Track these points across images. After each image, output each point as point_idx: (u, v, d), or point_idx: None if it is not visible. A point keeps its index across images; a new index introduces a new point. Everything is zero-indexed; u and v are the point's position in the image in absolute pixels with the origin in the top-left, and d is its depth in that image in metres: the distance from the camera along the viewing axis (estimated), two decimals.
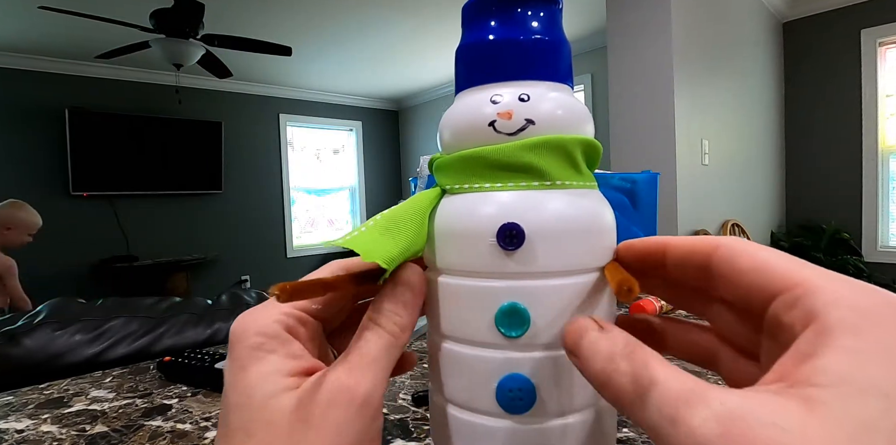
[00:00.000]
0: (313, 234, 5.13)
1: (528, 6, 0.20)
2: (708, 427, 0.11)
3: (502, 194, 0.19)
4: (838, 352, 0.12)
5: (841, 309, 0.12)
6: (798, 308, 0.13)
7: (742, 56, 2.70)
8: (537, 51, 0.20)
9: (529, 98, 0.19)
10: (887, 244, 2.81)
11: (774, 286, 0.14)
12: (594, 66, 3.70)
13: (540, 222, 0.18)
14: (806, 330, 0.12)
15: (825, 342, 0.12)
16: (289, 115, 4.83)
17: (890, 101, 2.78)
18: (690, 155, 2.27)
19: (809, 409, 0.11)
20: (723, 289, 0.16)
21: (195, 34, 2.62)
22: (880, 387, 0.11)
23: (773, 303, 0.14)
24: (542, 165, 0.19)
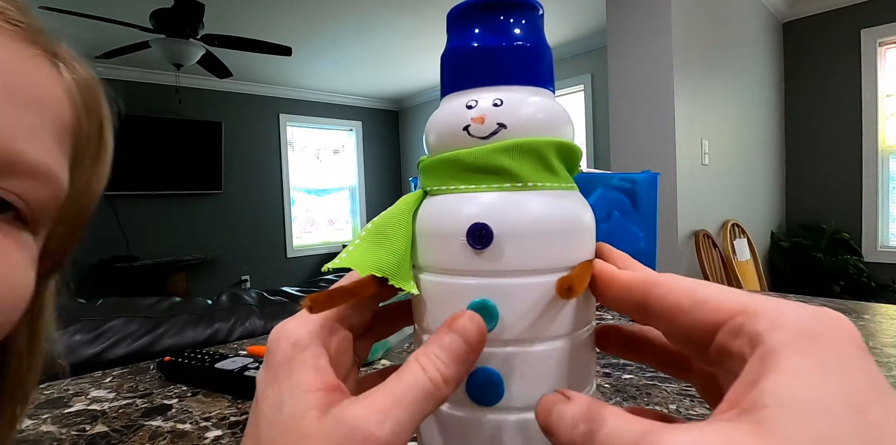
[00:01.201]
0: (313, 234, 5.13)
1: (507, 13, 0.20)
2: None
3: (475, 195, 0.20)
4: (783, 373, 0.12)
5: (782, 332, 0.13)
6: (742, 335, 0.13)
7: (742, 56, 2.70)
8: (514, 56, 0.20)
9: (503, 103, 0.20)
10: (887, 244, 2.81)
11: (717, 317, 0.14)
12: (594, 66, 3.70)
13: (507, 222, 0.19)
14: (752, 355, 0.13)
15: (770, 365, 0.12)
16: (289, 115, 4.83)
17: (890, 101, 2.78)
18: (690, 155, 2.27)
19: (759, 433, 0.11)
20: (662, 326, 0.17)
21: (195, 34, 2.62)
22: (826, 403, 0.11)
23: (718, 334, 0.14)
24: (513, 167, 0.19)
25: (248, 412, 0.41)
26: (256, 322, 1.02)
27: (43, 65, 0.23)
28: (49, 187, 0.22)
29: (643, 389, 0.44)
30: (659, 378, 0.46)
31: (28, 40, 0.22)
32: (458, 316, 0.18)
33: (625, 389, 0.44)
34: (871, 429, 0.11)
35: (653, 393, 0.43)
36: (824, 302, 0.77)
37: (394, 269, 0.20)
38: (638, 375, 0.47)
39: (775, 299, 0.14)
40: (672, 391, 0.43)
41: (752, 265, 2.60)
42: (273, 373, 0.18)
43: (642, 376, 0.47)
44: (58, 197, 0.23)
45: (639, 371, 0.48)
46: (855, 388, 0.12)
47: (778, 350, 0.12)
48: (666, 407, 0.39)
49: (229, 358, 0.52)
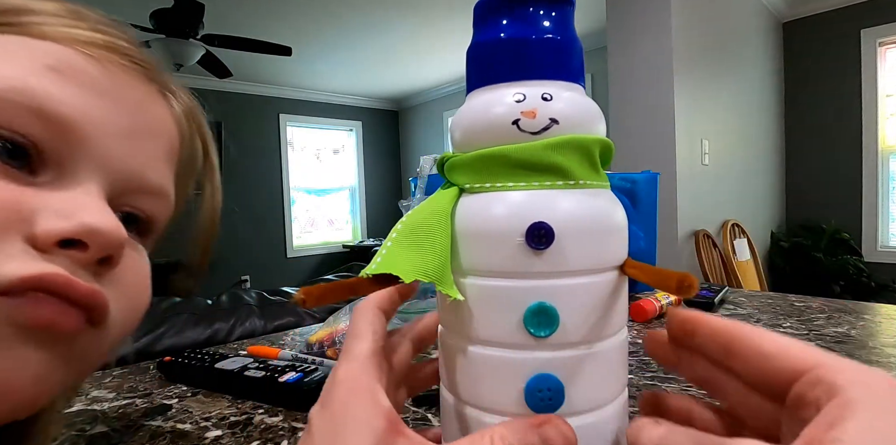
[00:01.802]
0: (313, 234, 5.13)
1: (544, 6, 0.20)
2: None
3: (528, 193, 0.19)
4: (860, 421, 0.13)
5: (860, 388, 0.14)
6: (822, 385, 0.15)
7: (742, 56, 2.70)
8: (554, 50, 0.20)
9: (552, 97, 0.19)
10: (887, 244, 2.81)
11: (798, 367, 0.16)
12: (594, 66, 3.70)
13: (568, 221, 0.18)
14: (829, 403, 0.14)
15: (848, 413, 0.13)
16: (289, 115, 4.83)
17: (890, 101, 2.78)
18: (690, 155, 2.27)
19: None
20: (741, 367, 0.18)
21: (195, 34, 2.62)
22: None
23: (798, 382, 0.15)
24: (566, 165, 0.19)
25: (248, 412, 0.41)
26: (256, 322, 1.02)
27: (159, 99, 0.27)
28: (164, 204, 0.27)
29: (643, 388, 0.44)
30: (659, 379, 0.46)
31: (148, 77, 0.26)
32: (548, 422, 0.17)
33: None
34: None
35: None
36: (825, 302, 0.77)
37: (439, 273, 0.19)
38: (638, 375, 0.47)
39: (847, 360, 0.15)
40: (672, 391, 0.43)
41: (752, 265, 2.60)
42: (329, 412, 0.18)
43: (642, 376, 0.47)
44: (169, 212, 0.28)
45: (639, 372, 0.48)
46: None
47: (856, 402, 0.13)
48: None
49: (229, 358, 0.52)
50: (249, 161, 4.59)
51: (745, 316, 0.69)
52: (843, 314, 0.69)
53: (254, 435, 0.37)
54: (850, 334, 0.59)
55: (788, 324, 0.64)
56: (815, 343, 0.56)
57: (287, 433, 0.37)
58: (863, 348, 0.54)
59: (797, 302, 0.77)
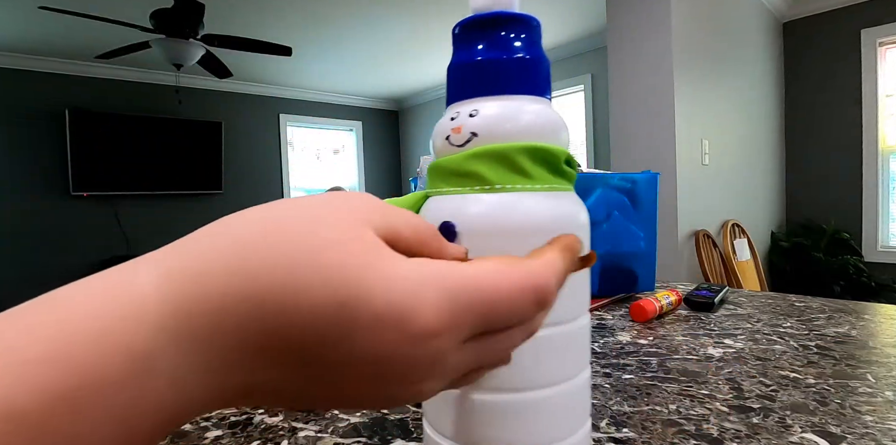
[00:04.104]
0: None
1: (498, 29, 0.22)
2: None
3: (450, 197, 0.23)
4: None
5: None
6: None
7: (742, 56, 2.70)
8: (497, 69, 0.22)
9: (478, 113, 0.22)
10: (887, 244, 2.81)
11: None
12: (594, 67, 3.70)
13: (468, 221, 0.21)
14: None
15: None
16: (289, 115, 4.83)
17: (890, 101, 2.78)
18: (690, 155, 2.27)
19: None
20: None
21: (195, 34, 2.62)
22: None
23: None
24: (482, 172, 0.22)
25: (249, 412, 0.41)
26: None
27: None
28: None
29: (643, 389, 0.44)
30: (659, 379, 0.46)
31: None
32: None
33: (625, 389, 0.44)
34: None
35: (653, 393, 0.42)
36: (825, 302, 0.77)
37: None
38: (638, 375, 0.47)
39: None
40: (672, 391, 0.43)
41: (752, 265, 2.60)
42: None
43: (642, 376, 0.47)
44: None
45: (639, 372, 0.48)
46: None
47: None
48: (666, 407, 0.39)
49: None
50: (250, 161, 4.59)
51: (745, 316, 0.69)
52: (843, 314, 0.69)
53: (254, 435, 0.37)
54: (851, 334, 0.59)
55: (789, 324, 0.64)
56: (816, 343, 0.56)
57: (287, 433, 0.37)
58: (863, 348, 0.54)
59: (797, 302, 0.77)
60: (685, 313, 0.72)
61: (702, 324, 0.66)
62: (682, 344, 0.57)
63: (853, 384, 0.44)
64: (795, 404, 0.40)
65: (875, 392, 0.42)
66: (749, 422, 0.37)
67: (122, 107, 3.90)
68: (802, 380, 0.45)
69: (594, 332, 0.63)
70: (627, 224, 0.80)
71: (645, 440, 0.34)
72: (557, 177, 0.22)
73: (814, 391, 0.42)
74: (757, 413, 0.38)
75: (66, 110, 3.58)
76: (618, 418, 0.38)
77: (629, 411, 0.39)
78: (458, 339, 0.15)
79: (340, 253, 0.14)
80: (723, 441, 0.34)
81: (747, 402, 0.40)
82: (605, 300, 0.79)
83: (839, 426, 0.36)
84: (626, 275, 0.81)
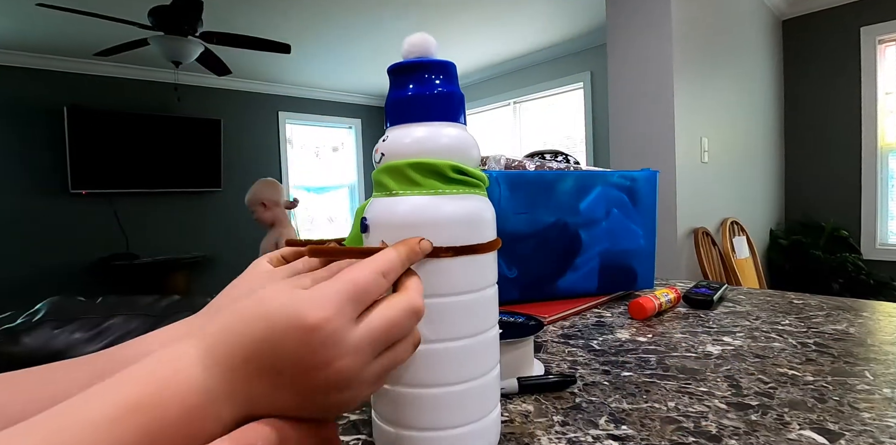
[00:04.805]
0: (313, 232, 5.13)
1: (410, 72, 0.30)
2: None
3: (372, 200, 0.31)
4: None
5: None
6: None
7: (741, 54, 2.70)
8: (407, 104, 0.30)
9: (388, 138, 0.30)
10: (886, 242, 2.81)
11: None
12: (593, 64, 3.69)
13: (374, 217, 0.29)
14: None
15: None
16: (288, 113, 4.82)
17: (889, 99, 2.78)
18: (690, 153, 2.27)
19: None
20: None
21: (194, 31, 2.61)
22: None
23: None
24: (385, 181, 0.29)
25: None
26: None
27: None
28: None
29: (642, 386, 0.44)
30: (657, 376, 0.46)
31: None
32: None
33: (624, 386, 0.44)
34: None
35: (651, 391, 0.43)
36: (823, 300, 0.77)
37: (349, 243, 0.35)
38: (637, 373, 0.47)
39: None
40: (671, 388, 0.43)
41: (751, 263, 2.60)
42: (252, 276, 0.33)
43: (641, 373, 0.47)
44: None
45: (637, 369, 0.48)
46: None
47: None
48: (665, 405, 0.40)
49: None
50: (249, 159, 4.58)
51: (744, 314, 0.69)
52: (841, 311, 0.69)
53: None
54: (849, 331, 0.60)
55: (787, 322, 0.64)
56: (814, 340, 0.56)
57: None
58: (861, 345, 0.54)
59: (796, 300, 0.77)
60: (684, 310, 0.73)
61: (701, 322, 0.66)
62: (681, 341, 0.57)
63: (851, 381, 0.44)
64: (794, 401, 0.40)
65: (873, 390, 0.42)
66: (747, 419, 0.37)
67: (121, 104, 3.89)
68: (801, 378, 0.45)
69: (594, 330, 0.63)
70: (627, 222, 0.80)
71: (644, 437, 0.34)
72: (450, 184, 0.29)
73: (812, 388, 0.42)
74: (755, 410, 0.38)
75: (65, 108, 3.57)
76: (616, 415, 0.38)
77: (628, 408, 0.39)
78: (349, 333, 0.22)
79: (262, 301, 0.23)
80: (721, 438, 0.34)
81: (746, 399, 0.40)
82: (605, 297, 0.79)
83: (837, 423, 0.36)
84: (625, 273, 0.82)
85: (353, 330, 0.22)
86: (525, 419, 0.38)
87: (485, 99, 4.53)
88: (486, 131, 4.67)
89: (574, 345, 0.57)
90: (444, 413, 0.29)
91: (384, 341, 0.23)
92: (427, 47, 0.30)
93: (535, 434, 0.35)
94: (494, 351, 0.32)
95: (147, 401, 0.19)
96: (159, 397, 0.19)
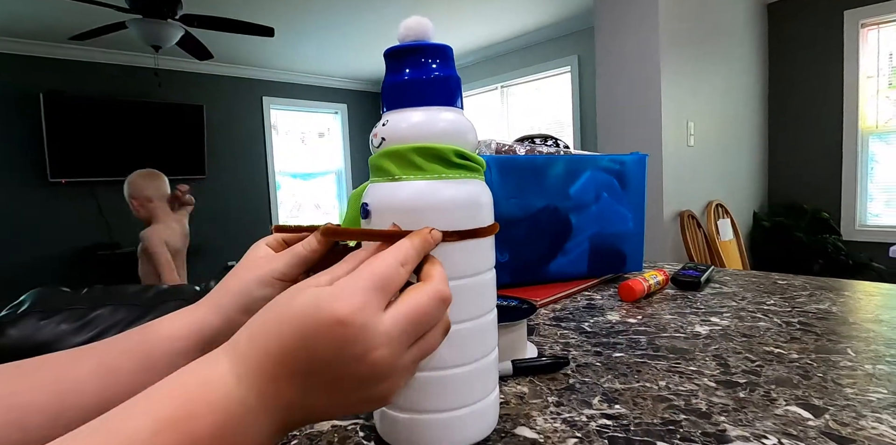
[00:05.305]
0: (300, 219, 5.09)
1: (409, 56, 0.30)
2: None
3: (372, 185, 0.30)
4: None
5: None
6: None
7: (727, 38, 2.70)
8: (407, 88, 0.30)
9: (388, 123, 0.30)
10: (865, 223, 2.88)
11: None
12: (580, 48, 3.67)
13: (376, 202, 0.29)
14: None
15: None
16: (272, 98, 4.73)
17: (871, 83, 2.81)
18: (676, 136, 2.29)
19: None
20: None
21: (173, 14, 2.54)
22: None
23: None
24: (386, 166, 0.29)
25: None
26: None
27: None
28: None
29: (633, 367, 0.45)
30: (648, 356, 0.47)
31: None
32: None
33: (616, 367, 0.45)
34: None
35: (643, 371, 0.43)
36: (806, 280, 0.78)
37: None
38: (628, 353, 0.48)
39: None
40: (662, 368, 0.44)
41: (734, 244, 2.65)
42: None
43: (632, 354, 0.48)
44: None
45: (629, 350, 0.49)
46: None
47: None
48: (656, 384, 0.40)
49: None
50: (233, 145, 4.51)
51: (731, 295, 0.71)
52: (824, 291, 0.71)
53: None
54: (832, 311, 0.61)
55: (772, 302, 0.66)
56: (798, 319, 0.58)
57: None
58: (843, 324, 0.56)
59: (780, 281, 0.79)
60: (672, 292, 0.74)
61: (689, 303, 0.67)
62: (670, 322, 0.58)
63: (834, 358, 0.45)
64: (780, 378, 0.41)
65: (855, 366, 0.43)
66: (736, 396, 0.38)
67: (100, 90, 3.78)
68: (786, 356, 0.46)
69: (585, 312, 0.64)
70: (616, 205, 0.81)
71: (636, 415, 0.35)
72: (452, 168, 0.29)
73: (797, 365, 0.44)
74: (743, 387, 0.39)
75: (41, 94, 3.47)
76: (609, 395, 0.39)
77: (620, 388, 0.40)
78: (379, 323, 0.22)
79: (287, 303, 0.23)
80: (711, 414, 0.35)
81: (734, 377, 0.41)
82: (595, 280, 0.80)
83: (821, 398, 0.37)
84: (614, 255, 0.82)
85: (382, 319, 0.22)
86: (520, 400, 0.38)
87: (472, 83, 4.49)
88: (473, 115, 4.64)
89: (566, 328, 0.58)
90: (448, 396, 0.30)
91: (415, 329, 0.23)
92: (424, 30, 0.30)
93: (531, 415, 0.36)
94: (493, 334, 0.33)
95: (184, 415, 0.19)
96: (196, 410, 0.19)
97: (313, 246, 0.32)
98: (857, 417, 0.34)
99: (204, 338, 0.30)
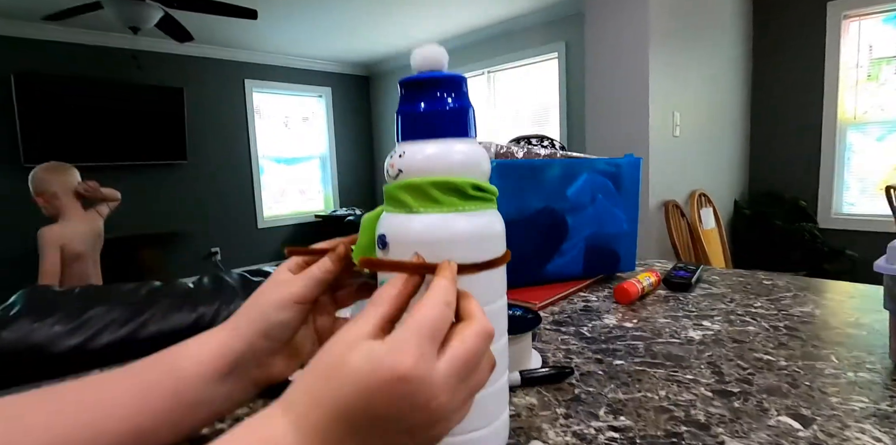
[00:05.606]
0: (284, 204, 5.05)
1: (426, 87, 0.31)
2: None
3: (389, 215, 0.31)
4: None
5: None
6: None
7: (713, 29, 2.71)
8: (424, 120, 0.31)
9: (405, 154, 0.30)
10: (840, 211, 2.97)
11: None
12: (568, 34, 3.65)
13: (394, 234, 0.30)
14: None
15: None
16: (255, 81, 4.63)
17: (850, 74, 2.86)
18: (663, 126, 2.31)
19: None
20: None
21: None
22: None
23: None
24: (404, 199, 0.30)
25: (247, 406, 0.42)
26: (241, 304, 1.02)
27: None
28: None
29: (634, 375, 0.47)
30: (647, 364, 0.49)
31: None
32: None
33: (617, 376, 0.47)
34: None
35: (643, 380, 0.46)
36: (790, 281, 0.82)
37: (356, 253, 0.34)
38: (628, 361, 0.50)
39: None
40: (660, 376, 0.46)
41: (716, 233, 2.71)
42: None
43: (632, 361, 0.50)
44: None
45: (628, 357, 0.51)
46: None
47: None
48: (656, 394, 0.43)
49: None
50: (214, 129, 4.42)
51: (720, 296, 0.74)
52: (807, 292, 0.75)
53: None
54: (815, 314, 0.64)
55: (759, 304, 0.69)
56: (784, 323, 0.61)
57: None
58: (825, 328, 0.59)
59: (765, 281, 0.82)
60: (664, 293, 0.76)
61: (681, 305, 0.70)
62: (665, 326, 0.61)
63: (819, 365, 0.48)
64: (770, 387, 0.44)
65: (838, 374, 0.46)
66: (731, 407, 0.40)
67: (76, 71, 3.65)
68: (775, 363, 0.49)
69: (583, 315, 0.66)
70: (611, 207, 0.83)
71: (641, 427, 0.37)
72: (468, 200, 0.30)
73: (786, 373, 0.46)
74: (737, 397, 0.42)
75: (12, 75, 3.34)
76: (614, 406, 0.41)
77: (623, 398, 0.42)
78: (435, 373, 0.22)
79: (342, 362, 0.23)
80: (710, 426, 0.37)
81: (728, 386, 0.44)
82: (589, 280, 0.82)
83: (809, 408, 0.40)
84: (609, 256, 0.85)
85: (439, 368, 0.23)
86: (531, 412, 0.40)
87: (459, 68, 4.45)
88: None
89: (566, 333, 0.60)
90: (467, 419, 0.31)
91: (468, 371, 0.24)
92: (439, 60, 0.31)
93: (542, 428, 0.38)
94: (506, 357, 0.34)
95: None
96: None
97: (329, 268, 0.33)
98: (843, 427, 0.37)
99: (227, 363, 0.31)
